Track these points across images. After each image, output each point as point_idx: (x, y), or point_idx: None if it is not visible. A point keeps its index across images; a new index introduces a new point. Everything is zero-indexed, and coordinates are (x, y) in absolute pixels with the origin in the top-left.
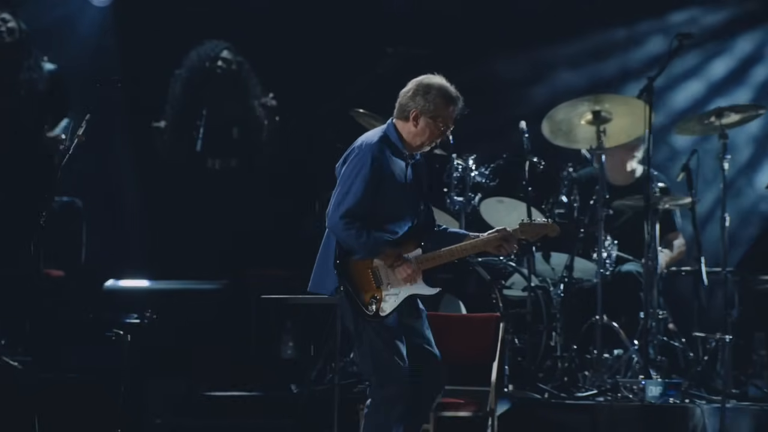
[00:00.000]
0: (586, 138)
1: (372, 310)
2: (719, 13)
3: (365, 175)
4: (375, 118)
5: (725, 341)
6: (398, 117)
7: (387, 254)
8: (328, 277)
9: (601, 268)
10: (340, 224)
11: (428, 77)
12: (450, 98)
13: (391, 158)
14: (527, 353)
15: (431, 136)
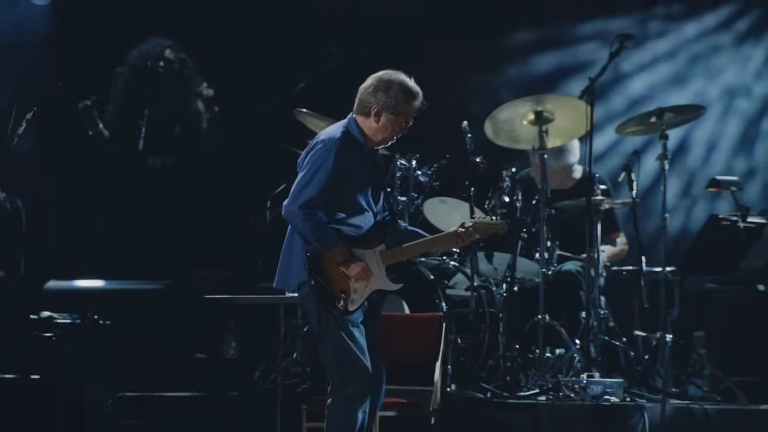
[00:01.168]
0: (528, 138)
1: (340, 306)
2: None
3: (327, 168)
4: (317, 117)
5: (665, 340)
6: (359, 113)
7: (338, 251)
8: (293, 271)
9: (543, 268)
10: (299, 214)
11: (388, 73)
12: (411, 94)
13: (353, 153)
14: (470, 353)
15: (393, 131)
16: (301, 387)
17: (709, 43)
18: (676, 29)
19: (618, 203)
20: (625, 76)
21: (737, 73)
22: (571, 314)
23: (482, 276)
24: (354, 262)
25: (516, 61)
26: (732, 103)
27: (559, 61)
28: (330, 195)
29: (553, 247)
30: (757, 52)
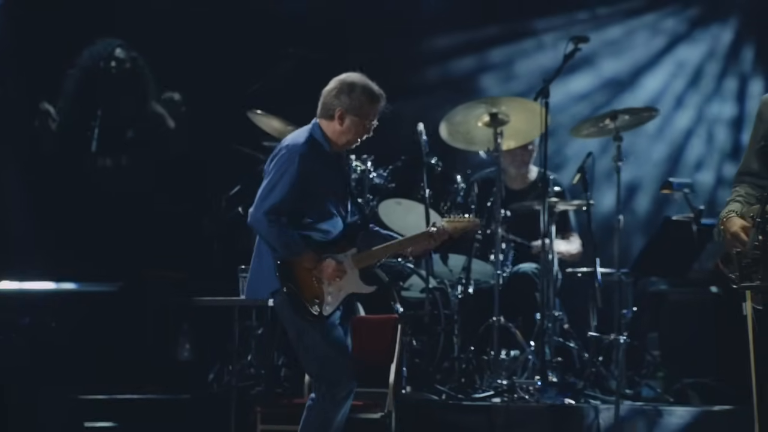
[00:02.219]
0: (483, 140)
1: (315, 311)
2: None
3: (292, 173)
4: (272, 118)
5: (619, 342)
6: (322, 116)
7: (306, 257)
8: (265, 280)
9: (498, 270)
10: (264, 221)
11: (350, 75)
12: (374, 96)
13: (318, 158)
14: (425, 355)
15: (357, 134)
16: (255, 389)
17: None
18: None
19: (572, 205)
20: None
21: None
22: (526, 316)
23: (437, 278)
24: (324, 264)
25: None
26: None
27: (518, 62)
28: (296, 201)
29: (508, 248)
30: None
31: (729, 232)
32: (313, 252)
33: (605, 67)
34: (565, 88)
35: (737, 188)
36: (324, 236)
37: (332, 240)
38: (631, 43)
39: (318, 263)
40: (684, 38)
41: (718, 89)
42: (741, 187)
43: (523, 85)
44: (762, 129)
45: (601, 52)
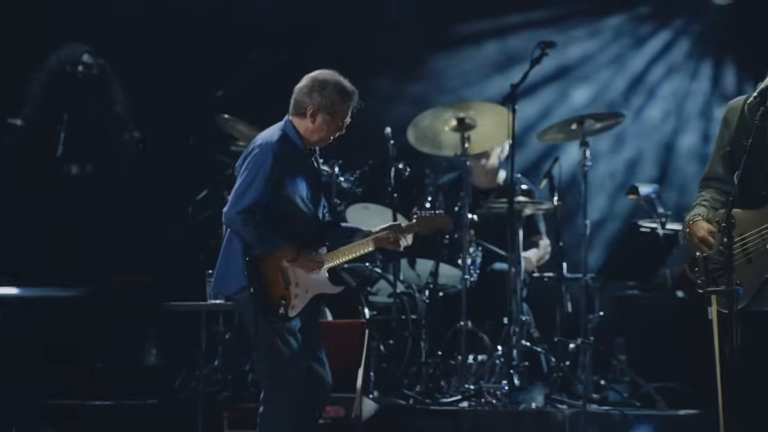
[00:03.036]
0: (451, 145)
1: (280, 312)
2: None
3: (266, 172)
4: (239, 122)
5: (586, 346)
6: (294, 114)
7: (285, 250)
8: (232, 277)
9: (465, 274)
10: (239, 219)
11: (322, 73)
12: (346, 93)
13: (291, 156)
14: (392, 359)
15: (329, 131)
16: (222, 394)
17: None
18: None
19: (539, 208)
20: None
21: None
22: (493, 320)
23: (405, 282)
24: (304, 258)
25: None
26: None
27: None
28: (269, 198)
29: (475, 253)
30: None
31: (696, 236)
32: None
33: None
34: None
35: (703, 193)
36: (295, 234)
37: (303, 238)
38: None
39: (297, 257)
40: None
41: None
42: (707, 192)
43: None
44: (727, 134)
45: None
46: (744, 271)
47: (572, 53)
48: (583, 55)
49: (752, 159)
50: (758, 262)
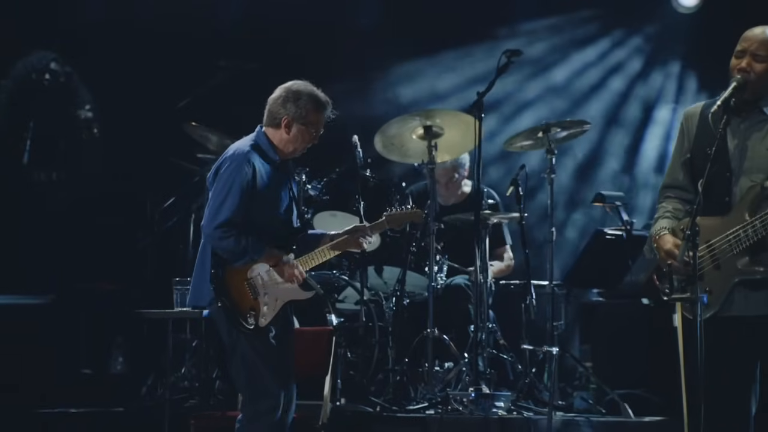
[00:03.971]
0: (418, 153)
1: (251, 322)
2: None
3: (240, 184)
4: (207, 130)
5: (552, 354)
6: (268, 124)
7: (269, 255)
8: (205, 288)
9: (432, 282)
10: (217, 234)
11: (296, 83)
12: (321, 104)
13: (263, 166)
14: (359, 366)
15: (303, 142)
16: (189, 402)
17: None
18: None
19: (505, 217)
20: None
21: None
22: (460, 328)
23: (372, 290)
24: (285, 265)
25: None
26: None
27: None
28: (244, 210)
29: (442, 261)
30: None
31: (663, 250)
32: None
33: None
34: None
35: (664, 204)
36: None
37: (274, 245)
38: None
39: (279, 262)
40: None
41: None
42: (668, 203)
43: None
44: (686, 142)
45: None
46: (713, 278)
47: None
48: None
49: (714, 166)
50: (726, 268)
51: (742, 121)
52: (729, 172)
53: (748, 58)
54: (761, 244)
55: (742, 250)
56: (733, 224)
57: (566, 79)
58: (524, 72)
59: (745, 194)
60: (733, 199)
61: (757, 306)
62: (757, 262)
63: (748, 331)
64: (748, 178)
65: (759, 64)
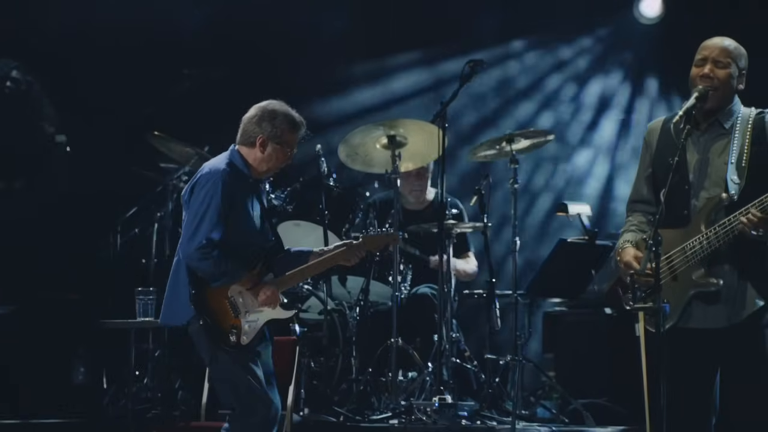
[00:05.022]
0: (381, 162)
1: (232, 341)
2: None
3: (217, 203)
4: (170, 140)
5: (515, 363)
6: (242, 143)
7: (246, 279)
8: (181, 307)
9: (396, 291)
10: (196, 255)
11: (271, 103)
12: (296, 124)
13: (238, 186)
14: (323, 376)
15: (278, 161)
16: (151, 412)
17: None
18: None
19: (469, 227)
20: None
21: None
22: (424, 337)
23: (336, 299)
24: (264, 287)
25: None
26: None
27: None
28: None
29: (406, 270)
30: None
31: (622, 262)
32: (252, 275)
33: None
34: None
35: (630, 218)
36: (242, 262)
37: (250, 266)
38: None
39: (257, 285)
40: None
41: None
42: (634, 217)
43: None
44: (648, 156)
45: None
46: (671, 290)
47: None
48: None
49: (675, 179)
50: (683, 280)
51: (701, 134)
52: (688, 185)
53: (710, 65)
54: (716, 256)
55: (698, 262)
56: (690, 236)
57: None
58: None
59: (702, 206)
60: (692, 212)
61: (714, 319)
62: (712, 273)
63: (706, 343)
64: (707, 191)
65: (721, 70)
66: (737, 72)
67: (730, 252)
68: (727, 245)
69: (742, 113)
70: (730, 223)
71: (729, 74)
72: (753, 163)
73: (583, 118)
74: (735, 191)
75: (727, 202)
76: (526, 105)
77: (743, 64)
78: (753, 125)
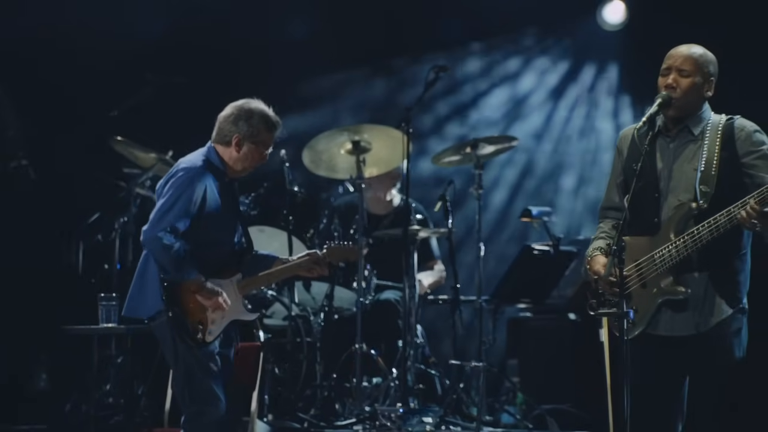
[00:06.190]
0: (346, 168)
1: (197, 336)
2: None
3: (188, 197)
4: (133, 145)
5: (480, 369)
6: (218, 142)
7: (194, 281)
8: (148, 299)
9: (360, 297)
10: (158, 241)
11: (248, 102)
12: (272, 123)
13: (213, 182)
14: (287, 382)
15: (254, 160)
16: (114, 419)
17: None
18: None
19: (433, 232)
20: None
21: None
22: (388, 343)
23: (300, 305)
24: (211, 292)
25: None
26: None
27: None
28: (189, 221)
29: (370, 275)
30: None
31: (591, 270)
32: (203, 278)
33: None
34: None
35: (601, 225)
36: (211, 260)
37: (219, 265)
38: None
39: (204, 289)
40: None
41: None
42: (604, 224)
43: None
44: (620, 163)
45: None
46: (640, 296)
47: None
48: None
49: (643, 185)
50: (651, 287)
51: (671, 141)
52: (657, 192)
53: (674, 74)
54: (685, 264)
55: (667, 270)
56: (659, 243)
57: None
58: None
59: (672, 214)
60: (662, 219)
61: (682, 327)
62: (680, 282)
63: (674, 350)
64: (676, 197)
65: (684, 79)
66: (703, 80)
67: (698, 260)
68: (696, 253)
69: (712, 120)
70: (699, 233)
71: (693, 83)
72: (722, 170)
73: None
74: (704, 200)
75: (697, 211)
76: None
77: (711, 71)
78: (722, 131)
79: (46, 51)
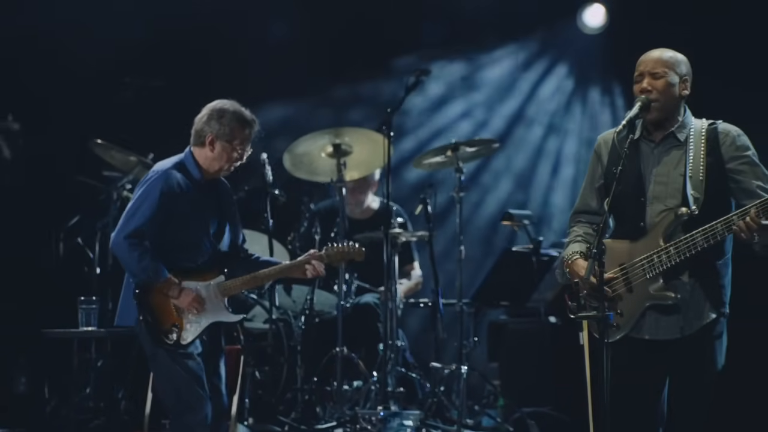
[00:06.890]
0: (327, 171)
1: (172, 338)
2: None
3: (154, 199)
4: (114, 148)
5: (460, 372)
6: (195, 144)
7: (165, 283)
8: (131, 309)
9: (341, 300)
10: (125, 244)
11: (221, 102)
12: (245, 121)
13: (185, 185)
14: (268, 385)
15: (229, 160)
16: (94, 422)
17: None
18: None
19: (414, 235)
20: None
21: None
22: (369, 346)
23: (281, 308)
24: (183, 293)
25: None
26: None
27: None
28: (160, 227)
29: (351, 279)
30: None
31: (577, 275)
32: (174, 279)
33: None
34: None
35: (575, 228)
36: (188, 263)
37: (199, 267)
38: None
39: (178, 291)
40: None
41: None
42: (579, 227)
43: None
44: (600, 168)
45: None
46: (625, 300)
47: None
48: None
49: (627, 189)
50: (638, 292)
51: (656, 146)
52: (644, 197)
53: (647, 78)
54: (674, 270)
55: (655, 275)
56: (647, 249)
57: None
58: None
59: (660, 220)
60: (648, 224)
61: (667, 330)
62: (669, 287)
63: (657, 353)
64: (662, 203)
65: (658, 80)
66: (677, 79)
67: (688, 266)
68: (686, 259)
69: (695, 125)
70: (694, 239)
71: (667, 82)
72: (709, 175)
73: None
74: (695, 206)
75: (687, 216)
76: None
77: (684, 71)
78: (707, 137)
79: (25, 51)
